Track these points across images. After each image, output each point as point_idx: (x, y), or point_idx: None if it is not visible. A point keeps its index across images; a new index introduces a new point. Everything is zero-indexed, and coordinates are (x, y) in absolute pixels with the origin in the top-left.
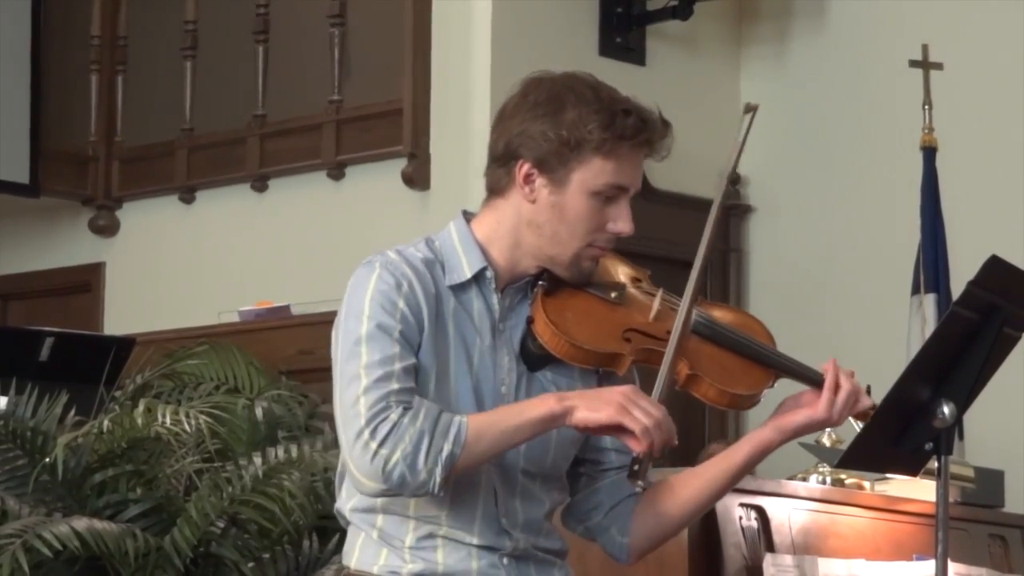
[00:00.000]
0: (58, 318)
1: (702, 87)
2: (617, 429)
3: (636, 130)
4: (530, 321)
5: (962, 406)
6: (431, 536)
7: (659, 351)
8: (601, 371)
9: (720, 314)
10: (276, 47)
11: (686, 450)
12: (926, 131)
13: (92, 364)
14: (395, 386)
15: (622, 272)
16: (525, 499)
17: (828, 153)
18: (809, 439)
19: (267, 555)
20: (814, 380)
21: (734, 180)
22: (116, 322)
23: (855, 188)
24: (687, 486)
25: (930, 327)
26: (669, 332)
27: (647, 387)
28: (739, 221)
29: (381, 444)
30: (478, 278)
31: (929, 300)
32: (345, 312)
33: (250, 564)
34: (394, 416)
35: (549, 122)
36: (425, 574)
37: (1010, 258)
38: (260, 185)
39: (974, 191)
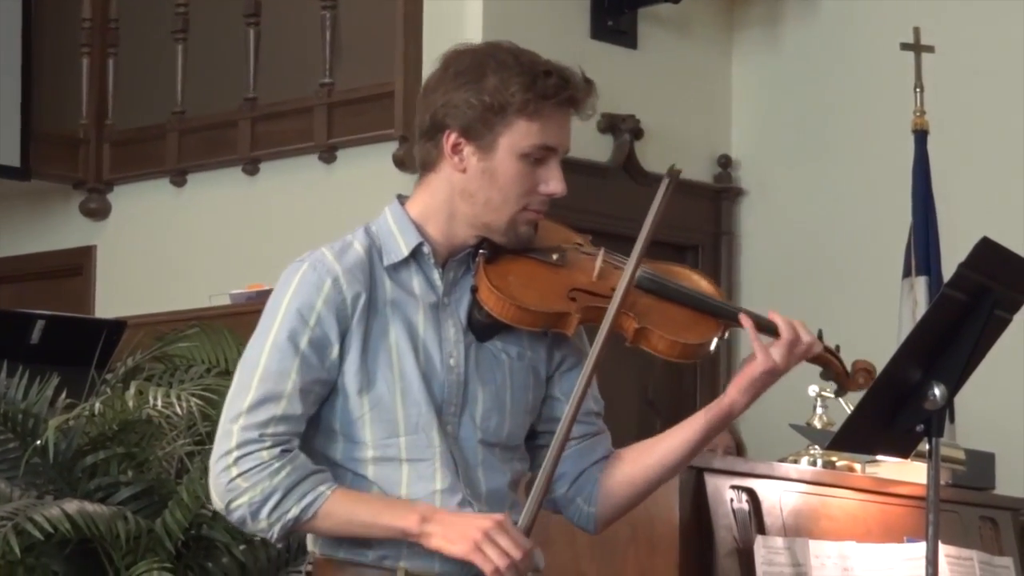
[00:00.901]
0: (49, 301)
1: (694, 70)
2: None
3: (558, 89)
4: (474, 290)
5: (953, 388)
6: None
7: (604, 308)
8: (550, 336)
9: (666, 270)
10: (268, 30)
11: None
12: (917, 114)
13: (83, 347)
14: (279, 411)
15: (563, 236)
16: (486, 469)
17: (820, 136)
18: (801, 421)
19: (258, 538)
20: (761, 327)
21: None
22: (107, 305)
23: (847, 171)
24: (653, 453)
25: (921, 309)
26: (613, 289)
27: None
28: (731, 204)
29: (239, 476)
30: (416, 255)
31: (920, 282)
32: (266, 309)
33: (241, 547)
34: (264, 455)
35: (472, 89)
36: (389, 555)
37: (1001, 240)
38: (251, 168)
39: (965, 174)
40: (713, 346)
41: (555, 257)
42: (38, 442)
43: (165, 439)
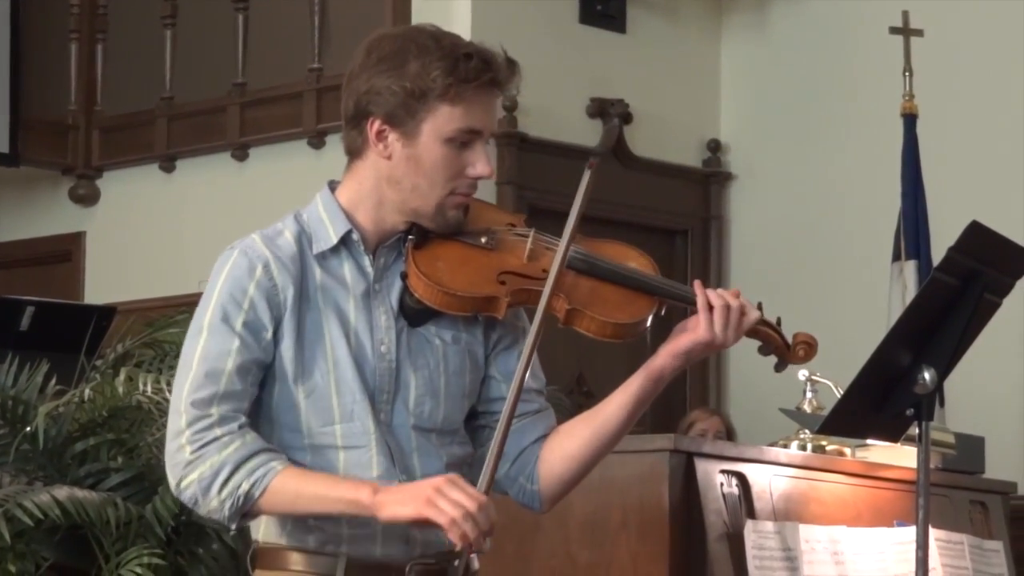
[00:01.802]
0: (38, 287)
1: (683, 55)
2: (429, 523)
3: (479, 71)
4: (404, 276)
5: (943, 372)
6: None
7: (536, 290)
8: (483, 318)
9: (600, 248)
10: (256, 16)
11: (668, 418)
12: (907, 98)
13: (73, 333)
14: (220, 388)
15: (495, 218)
16: (422, 455)
17: (809, 120)
18: (790, 405)
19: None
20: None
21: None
22: (97, 291)
23: (836, 155)
24: (587, 424)
25: (911, 293)
26: (545, 271)
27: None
28: (720, 188)
29: (191, 453)
30: (346, 242)
31: (910, 266)
32: (202, 298)
33: (231, 533)
34: (216, 431)
35: (393, 76)
36: (331, 541)
37: (991, 224)
38: (241, 154)
39: (955, 157)
40: (647, 324)
41: (484, 240)
42: (28, 428)
43: (155, 425)
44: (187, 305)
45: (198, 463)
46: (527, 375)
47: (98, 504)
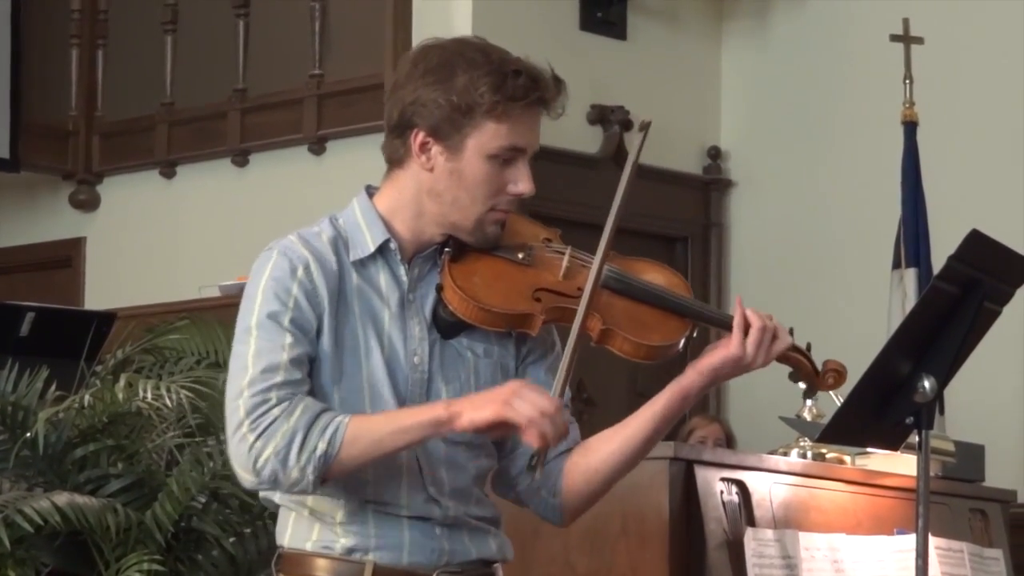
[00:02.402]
0: (39, 293)
1: (683, 61)
2: (506, 426)
3: (527, 90)
4: (439, 289)
5: (943, 380)
6: (362, 511)
7: (571, 308)
8: (515, 333)
9: (634, 267)
10: (257, 21)
11: None
12: (907, 105)
13: (73, 339)
14: (279, 378)
15: (531, 233)
16: (450, 467)
17: (809, 128)
18: (790, 413)
19: (248, 530)
20: (730, 325)
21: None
22: (97, 297)
23: (836, 162)
24: (613, 440)
25: (911, 301)
26: (580, 289)
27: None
28: (720, 195)
29: (257, 438)
30: (383, 251)
31: (910, 274)
32: (243, 300)
33: (231, 539)
34: (275, 411)
35: (440, 89)
36: (358, 548)
37: (991, 232)
38: (241, 160)
39: (955, 165)
40: (681, 346)
41: (521, 256)
42: (28, 434)
43: (155, 431)
44: (187, 311)
45: (268, 440)
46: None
47: (98, 510)
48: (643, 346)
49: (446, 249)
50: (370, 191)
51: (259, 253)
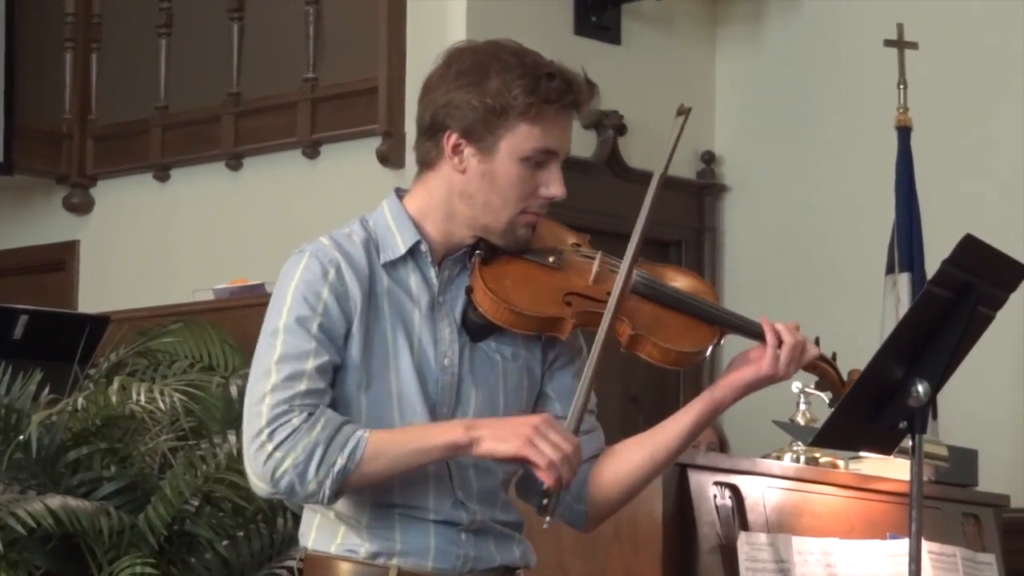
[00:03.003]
0: (32, 296)
1: (677, 66)
2: (524, 461)
3: (561, 93)
4: (469, 291)
5: (936, 385)
6: (388, 514)
7: (600, 313)
8: (544, 337)
9: (662, 274)
10: (251, 25)
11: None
12: (901, 110)
13: (66, 342)
14: (302, 387)
15: (561, 237)
16: (479, 470)
17: (803, 133)
18: (784, 417)
19: (241, 533)
20: (760, 335)
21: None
22: (90, 300)
23: (830, 168)
24: (641, 449)
25: (904, 306)
26: (609, 294)
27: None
28: (714, 200)
29: (276, 448)
30: (413, 253)
31: (904, 279)
32: (271, 301)
33: (224, 542)
34: (296, 421)
35: (474, 91)
36: (382, 553)
37: (984, 237)
38: (235, 163)
39: (949, 170)
40: (708, 353)
41: (552, 260)
42: (21, 437)
43: (148, 434)
44: (181, 314)
45: (289, 451)
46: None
47: (91, 513)
48: (672, 352)
49: (476, 252)
50: (400, 193)
51: (256, 255)
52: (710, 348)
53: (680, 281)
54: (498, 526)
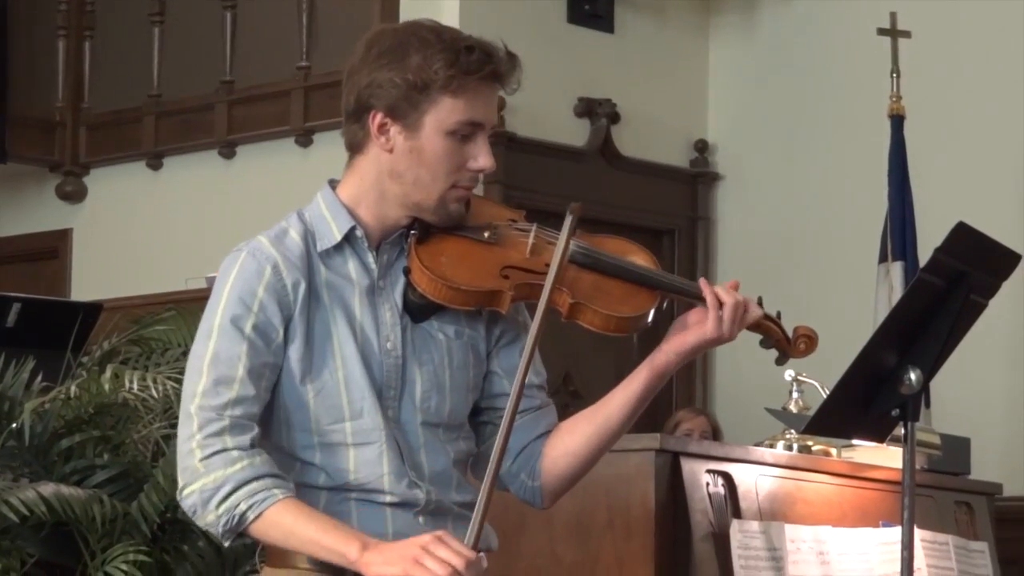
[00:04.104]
0: (25, 284)
1: (670, 55)
2: None
3: (481, 63)
4: (407, 272)
5: (929, 373)
6: (343, 499)
7: (539, 284)
8: (486, 313)
9: (600, 243)
10: (244, 13)
11: (654, 417)
12: (894, 99)
13: (59, 330)
14: (232, 395)
15: (496, 214)
16: (429, 451)
17: (796, 121)
18: (776, 405)
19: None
20: (700, 297)
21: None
22: (83, 288)
23: (823, 156)
24: (591, 422)
25: (897, 294)
26: (547, 266)
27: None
28: (707, 189)
29: (200, 460)
30: (350, 239)
31: (896, 267)
32: (209, 299)
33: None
34: (228, 442)
35: (395, 69)
36: None
37: (977, 225)
38: (228, 152)
39: (942, 159)
40: (650, 318)
41: (487, 235)
42: (14, 425)
43: (141, 422)
44: (174, 302)
45: (203, 474)
46: (529, 371)
47: (84, 501)
48: (613, 318)
49: (412, 232)
50: (333, 184)
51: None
52: (651, 312)
53: (620, 250)
54: (455, 507)
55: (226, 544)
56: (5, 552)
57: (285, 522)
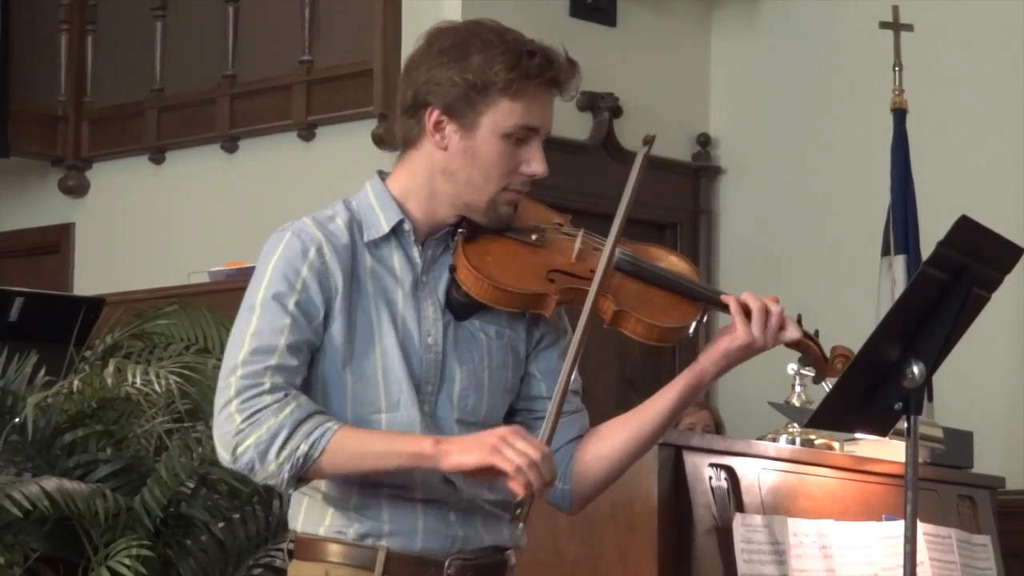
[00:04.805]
0: (27, 278)
1: (673, 49)
2: (493, 472)
3: (541, 69)
4: (452, 269)
5: (931, 366)
6: (376, 495)
7: (583, 290)
8: (528, 315)
9: (645, 252)
10: (246, 7)
11: None
12: (896, 92)
13: (62, 324)
14: (273, 362)
15: (543, 217)
16: None
17: (798, 114)
18: (779, 399)
19: (237, 515)
20: (742, 308)
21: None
22: (86, 282)
23: (825, 149)
24: (626, 427)
25: (900, 288)
26: (593, 271)
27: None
28: (709, 182)
29: (243, 421)
30: (396, 232)
31: (899, 261)
32: (252, 277)
33: (220, 524)
34: (267, 399)
35: (455, 67)
36: (371, 534)
37: (980, 219)
38: (230, 146)
39: (944, 152)
40: (692, 329)
41: (534, 237)
42: (17, 420)
43: (144, 417)
44: (176, 296)
45: (253, 428)
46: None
47: (87, 495)
48: (656, 327)
49: (459, 230)
50: (383, 176)
51: (252, 238)
52: (693, 324)
53: (663, 259)
54: (487, 505)
55: (290, 491)
56: (8, 547)
57: (351, 446)
